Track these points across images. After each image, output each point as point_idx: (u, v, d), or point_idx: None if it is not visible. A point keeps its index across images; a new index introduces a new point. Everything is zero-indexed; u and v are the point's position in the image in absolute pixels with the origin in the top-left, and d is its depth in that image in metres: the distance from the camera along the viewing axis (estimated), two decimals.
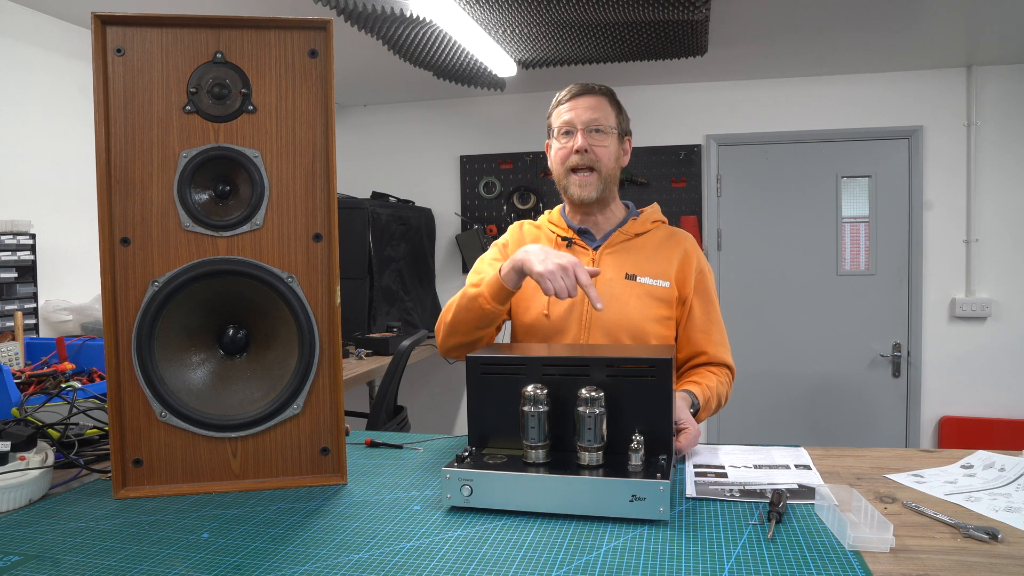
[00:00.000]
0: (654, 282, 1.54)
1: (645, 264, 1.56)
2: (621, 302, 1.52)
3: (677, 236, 1.63)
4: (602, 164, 1.54)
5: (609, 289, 1.53)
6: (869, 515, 0.88)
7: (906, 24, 3.02)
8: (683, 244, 1.60)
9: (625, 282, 1.54)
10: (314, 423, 1.18)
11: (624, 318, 1.51)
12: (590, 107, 1.54)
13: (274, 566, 0.85)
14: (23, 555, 0.89)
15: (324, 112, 1.16)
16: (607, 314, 1.50)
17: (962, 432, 3.71)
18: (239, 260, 1.14)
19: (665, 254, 1.58)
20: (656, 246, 1.59)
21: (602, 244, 1.59)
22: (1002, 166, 3.67)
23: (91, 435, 1.37)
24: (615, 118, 1.57)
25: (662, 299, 1.54)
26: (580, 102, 1.55)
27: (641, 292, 1.54)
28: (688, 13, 2.56)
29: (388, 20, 2.64)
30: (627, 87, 4.07)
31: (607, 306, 1.49)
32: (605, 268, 1.55)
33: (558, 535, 0.93)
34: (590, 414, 1.03)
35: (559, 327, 1.53)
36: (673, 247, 1.59)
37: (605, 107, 1.56)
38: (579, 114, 1.54)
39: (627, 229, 1.59)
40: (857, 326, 3.86)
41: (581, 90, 1.56)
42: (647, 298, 1.53)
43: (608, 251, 1.58)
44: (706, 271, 1.61)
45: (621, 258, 1.57)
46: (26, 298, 2.55)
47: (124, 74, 1.11)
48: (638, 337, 1.52)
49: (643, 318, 1.52)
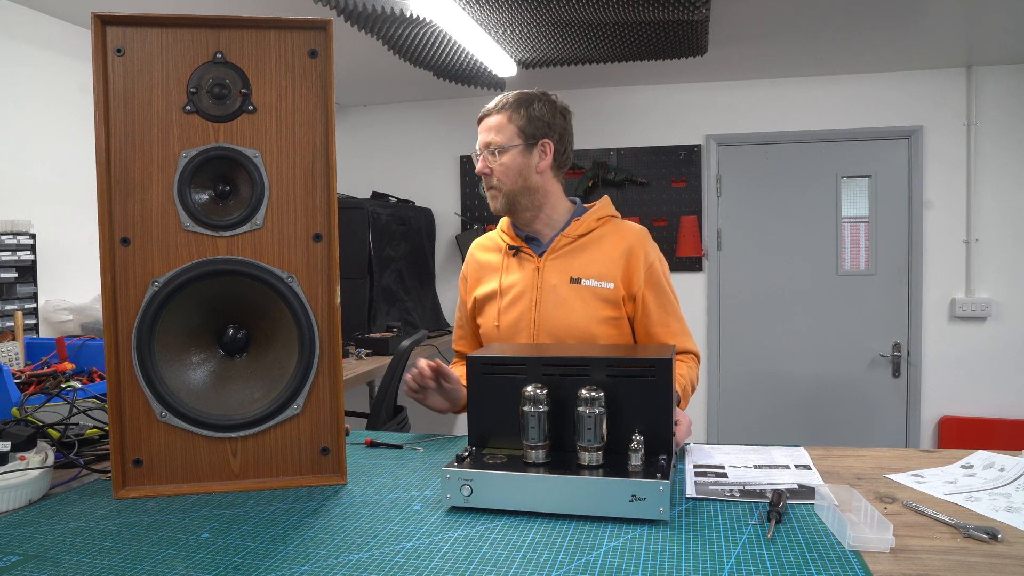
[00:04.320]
0: (599, 284, 1.57)
1: (589, 267, 1.59)
2: (567, 307, 1.56)
3: (622, 232, 1.63)
4: (500, 181, 1.60)
5: (554, 295, 1.57)
6: (869, 515, 0.88)
7: (906, 24, 3.02)
8: (627, 241, 1.61)
9: (570, 286, 1.58)
10: (314, 423, 1.18)
11: (570, 323, 1.55)
12: (486, 129, 1.61)
13: (274, 566, 0.85)
14: (23, 555, 0.89)
15: (324, 112, 1.16)
16: (553, 320, 1.56)
17: (962, 432, 3.71)
18: (239, 260, 1.14)
19: (609, 254, 1.60)
20: (600, 246, 1.61)
21: (546, 251, 1.62)
22: (1002, 166, 3.67)
23: (91, 435, 1.37)
24: (515, 131, 1.59)
25: (608, 300, 1.57)
26: (481, 126, 1.63)
27: (586, 295, 1.57)
28: (688, 13, 2.56)
29: (388, 20, 2.64)
30: (627, 87, 4.08)
31: (553, 312, 1.56)
32: (550, 274, 1.60)
33: (558, 535, 0.93)
34: (590, 414, 1.03)
35: (509, 335, 1.60)
36: (617, 245, 1.60)
37: (503, 124, 1.59)
38: (480, 139, 1.62)
39: (569, 232, 1.62)
40: (857, 326, 3.86)
41: (481, 114, 1.64)
42: (593, 300, 1.57)
43: (552, 257, 1.61)
44: (656, 264, 1.62)
45: (565, 262, 1.60)
46: (26, 298, 2.55)
47: (124, 74, 1.11)
48: (585, 340, 1.56)
49: (589, 321, 1.55)
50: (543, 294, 1.58)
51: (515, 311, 1.60)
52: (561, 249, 1.61)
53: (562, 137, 1.63)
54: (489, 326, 1.64)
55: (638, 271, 1.58)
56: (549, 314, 1.56)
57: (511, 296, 1.61)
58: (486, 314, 1.65)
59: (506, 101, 1.61)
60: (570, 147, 1.66)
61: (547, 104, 1.61)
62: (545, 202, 1.63)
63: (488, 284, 1.66)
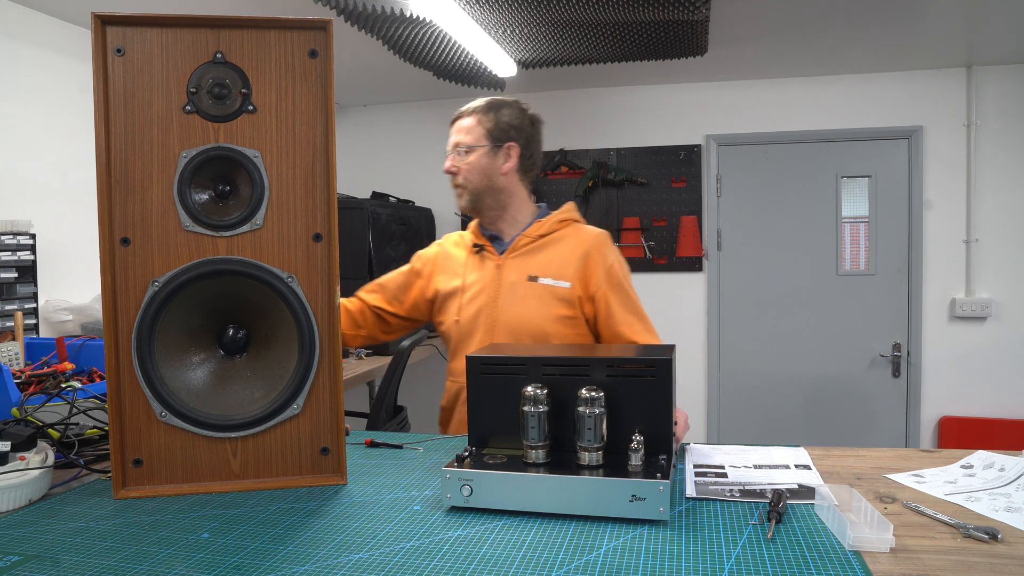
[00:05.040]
0: (555, 282, 1.62)
1: (547, 266, 1.64)
2: (522, 304, 1.61)
3: (582, 236, 1.69)
4: (466, 180, 1.67)
5: (512, 292, 1.63)
6: (869, 515, 0.88)
7: (906, 24, 3.02)
8: (587, 244, 1.66)
9: (527, 284, 1.63)
10: (314, 423, 1.18)
11: (524, 319, 1.60)
12: (457, 130, 1.70)
13: (274, 566, 0.85)
14: (23, 555, 0.89)
15: (324, 112, 1.16)
16: (509, 316, 1.61)
17: (962, 432, 3.71)
18: (239, 260, 1.14)
19: (568, 255, 1.65)
20: (560, 247, 1.67)
21: (507, 249, 1.68)
22: (1002, 166, 3.67)
23: (91, 435, 1.37)
24: (484, 132, 1.66)
25: (564, 299, 1.61)
26: (452, 128, 1.72)
27: (542, 292, 1.62)
28: (688, 13, 2.56)
29: (388, 20, 2.64)
30: (627, 87, 4.08)
31: (509, 308, 1.61)
32: (509, 272, 1.65)
33: (558, 535, 0.93)
34: (590, 414, 1.03)
35: (468, 330, 1.65)
36: (576, 247, 1.66)
37: (473, 125, 1.67)
38: (451, 139, 1.71)
39: (530, 232, 1.68)
40: (857, 326, 3.86)
41: (454, 116, 1.73)
42: (548, 298, 1.61)
43: (512, 256, 1.67)
44: (616, 266, 1.66)
45: (525, 261, 1.66)
46: (26, 298, 2.54)
47: (124, 74, 1.11)
48: (539, 337, 1.60)
49: (543, 318, 1.60)
50: (501, 291, 1.63)
51: (474, 307, 1.65)
52: (522, 248, 1.67)
53: (528, 143, 1.70)
54: (450, 322, 1.69)
55: (596, 273, 1.63)
56: (505, 310, 1.62)
57: (472, 293, 1.66)
58: (448, 310, 1.69)
59: (478, 105, 1.69)
60: (537, 154, 1.73)
61: (517, 111, 1.69)
62: (509, 203, 1.70)
63: (452, 281, 1.71)
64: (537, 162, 1.74)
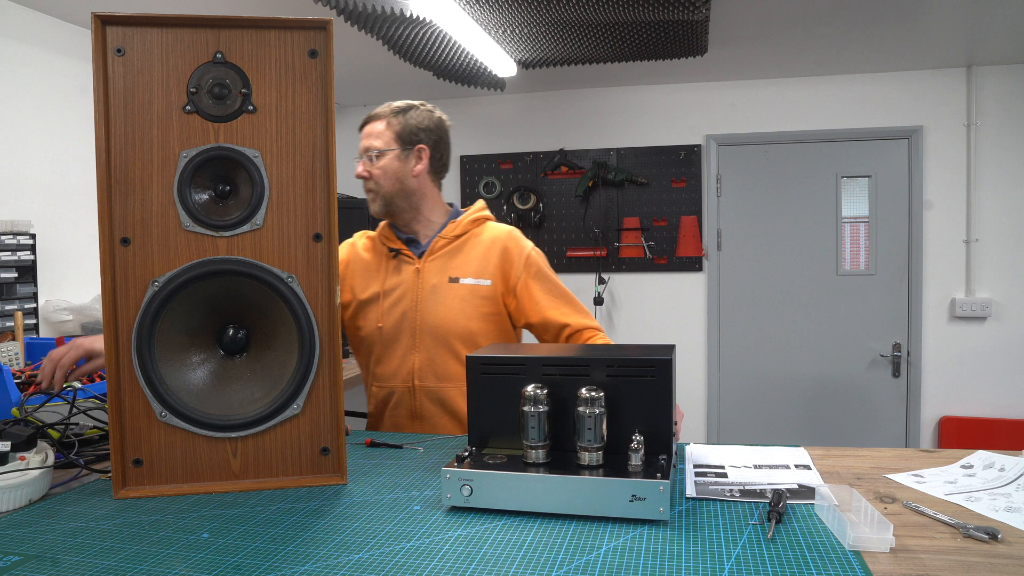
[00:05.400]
0: (476, 281, 1.65)
1: (466, 266, 1.66)
2: (445, 305, 1.63)
3: (496, 232, 1.71)
4: (377, 184, 1.68)
5: (434, 295, 1.64)
6: (869, 515, 0.88)
7: (906, 24, 3.02)
8: (501, 240, 1.69)
9: (449, 286, 1.65)
10: (314, 423, 1.18)
11: (450, 321, 1.62)
12: (366, 135, 1.70)
13: (274, 566, 0.85)
14: (23, 555, 0.89)
15: (324, 112, 1.16)
16: (434, 319, 1.62)
17: (962, 432, 3.71)
18: (239, 260, 1.14)
19: (485, 253, 1.67)
20: (476, 246, 1.68)
21: (424, 252, 1.68)
22: (1002, 166, 3.67)
23: (91, 435, 1.37)
24: (393, 135, 1.67)
25: (486, 297, 1.64)
26: (362, 133, 1.73)
27: (465, 293, 1.64)
28: (688, 13, 2.56)
29: (388, 20, 2.64)
30: (627, 87, 4.08)
31: (434, 311, 1.63)
32: (429, 275, 1.66)
33: (558, 535, 0.93)
34: (590, 414, 1.03)
35: (393, 335, 1.65)
36: (492, 244, 1.68)
37: (382, 130, 1.68)
38: (361, 144, 1.71)
39: (446, 234, 1.69)
40: (857, 326, 3.86)
41: (362, 122, 1.74)
42: (471, 297, 1.64)
43: (430, 259, 1.68)
44: (532, 254, 1.69)
45: (444, 262, 1.67)
46: (26, 298, 2.55)
47: (124, 74, 1.11)
48: (465, 337, 1.62)
49: (468, 318, 1.63)
50: (423, 295, 1.64)
51: (397, 312, 1.65)
52: (439, 251, 1.68)
53: (438, 144, 1.72)
54: (372, 328, 1.68)
55: (515, 265, 1.66)
56: (430, 313, 1.63)
57: (393, 298, 1.66)
58: (368, 316, 1.69)
59: (386, 110, 1.70)
60: (447, 155, 1.75)
61: (425, 113, 1.70)
62: (422, 204, 1.71)
63: (370, 286, 1.71)
64: (446, 163, 1.76)
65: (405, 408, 1.65)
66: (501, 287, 1.65)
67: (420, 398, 1.63)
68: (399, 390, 1.65)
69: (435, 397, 1.63)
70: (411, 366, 1.63)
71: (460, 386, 1.61)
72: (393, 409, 1.67)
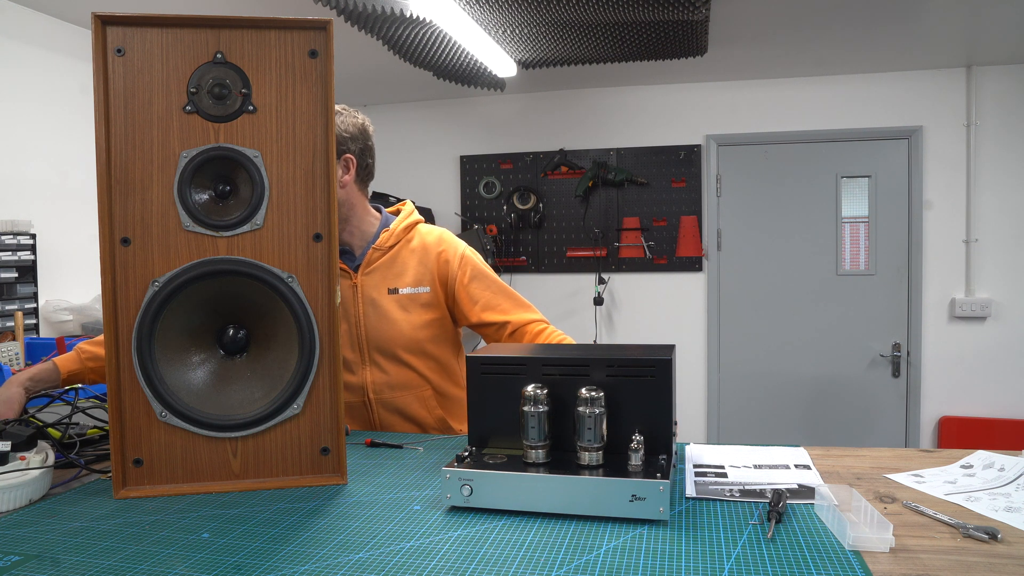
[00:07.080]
0: (415, 290, 1.63)
1: (404, 275, 1.64)
2: (388, 318, 1.61)
3: (429, 237, 1.68)
4: None
5: (375, 309, 1.62)
6: (869, 515, 0.88)
7: (906, 24, 3.02)
8: (435, 244, 1.66)
9: (389, 297, 1.63)
10: (314, 423, 1.18)
11: (396, 332, 1.61)
12: None
13: (274, 566, 0.85)
14: (23, 555, 0.89)
15: (324, 112, 1.16)
16: (379, 332, 1.61)
17: (962, 432, 3.72)
18: (239, 260, 1.14)
19: (421, 259, 1.65)
20: (412, 254, 1.66)
21: (360, 265, 1.64)
22: (1002, 166, 3.67)
23: (91, 435, 1.37)
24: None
25: (426, 304, 1.63)
26: None
27: (406, 303, 1.62)
28: (688, 13, 2.56)
29: (388, 20, 2.64)
30: (627, 87, 4.08)
31: (376, 325, 1.61)
32: (367, 289, 1.63)
33: (558, 535, 0.93)
34: (590, 414, 1.03)
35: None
36: (427, 250, 1.66)
37: None
38: None
39: (380, 244, 1.65)
40: (857, 326, 3.87)
41: None
42: (413, 307, 1.62)
43: (367, 272, 1.64)
44: (467, 254, 1.67)
45: (381, 275, 1.64)
46: (26, 298, 2.55)
47: (124, 74, 1.11)
48: (411, 347, 1.61)
49: (412, 327, 1.61)
50: (365, 309, 1.61)
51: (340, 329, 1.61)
52: (375, 263, 1.64)
53: (363, 152, 1.65)
54: None
55: (451, 270, 1.64)
56: (372, 328, 1.61)
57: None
58: None
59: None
60: (372, 161, 1.69)
61: (348, 119, 1.62)
62: (351, 214, 1.65)
63: None
64: (372, 170, 1.70)
65: (364, 421, 1.65)
66: (440, 292, 1.64)
67: (378, 410, 1.63)
68: (357, 404, 1.64)
69: (392, 407, 1.63)
70: (363, 380, 1.62)
71: (416, 392, 1.62)
72: (354, 421, 1.66)
